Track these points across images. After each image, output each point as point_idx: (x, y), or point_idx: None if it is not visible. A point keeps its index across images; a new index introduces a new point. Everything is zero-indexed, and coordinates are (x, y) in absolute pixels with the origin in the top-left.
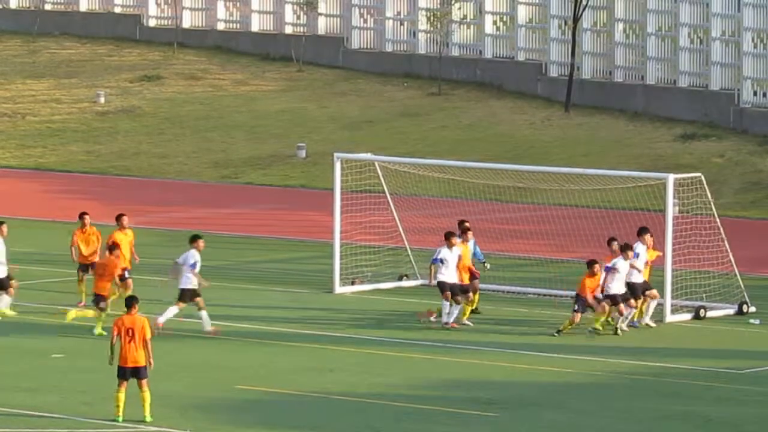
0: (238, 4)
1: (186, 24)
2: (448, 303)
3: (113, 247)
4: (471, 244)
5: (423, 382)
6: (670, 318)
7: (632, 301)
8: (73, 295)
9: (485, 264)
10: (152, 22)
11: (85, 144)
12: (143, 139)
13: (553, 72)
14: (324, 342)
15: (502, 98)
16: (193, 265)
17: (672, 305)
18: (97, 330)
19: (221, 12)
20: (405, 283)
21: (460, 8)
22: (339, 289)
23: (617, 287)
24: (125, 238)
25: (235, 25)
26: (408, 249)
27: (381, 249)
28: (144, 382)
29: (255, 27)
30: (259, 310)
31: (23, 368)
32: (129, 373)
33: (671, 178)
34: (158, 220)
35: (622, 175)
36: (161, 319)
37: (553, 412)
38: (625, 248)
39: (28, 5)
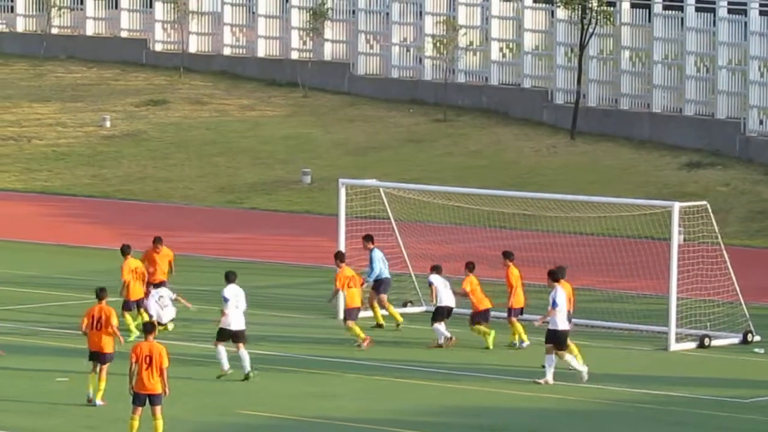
0: (244, 29)
1: (192, 49)
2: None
3: None
4: None
5: (426, 408)
6: (674, 347)
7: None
8: (71, 318)
9: None
10: (158, 47)
11: (90, 168)
12: (148, 164)
13: (559, 99)
14: (327, 367)
15: (507, 125)
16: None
17: (676, 334)
18: None
19: (227, 37)
20: (409, 309)
21: (465, 35)
22: (343, 314)
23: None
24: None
25: (241, 50)
26: (412, 275)
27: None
28: (158, 409)
29: (261, 52)
30: (263, 335)
31: (26, 391)
32: (145, 399)
33: (677, 206)
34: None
35: (627, 202)
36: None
37: None
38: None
39: (34, 29)
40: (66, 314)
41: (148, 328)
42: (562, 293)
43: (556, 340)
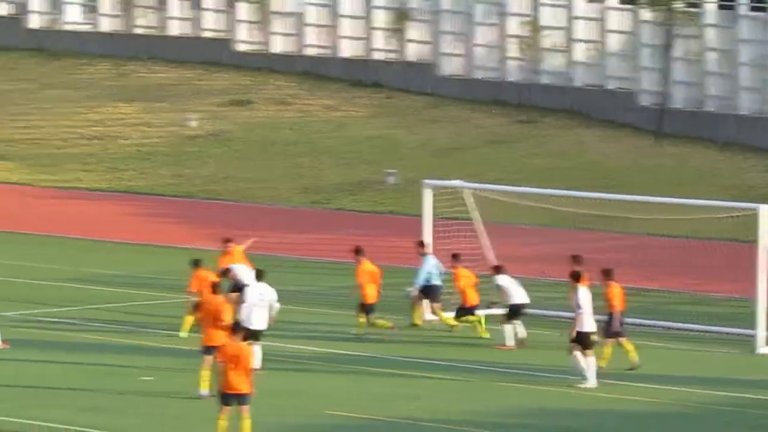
0: (327, 29)
1: (276, 49)
2: None
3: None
4: None
5: (511, 409)
6: (762, 350)
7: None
8: (155, 318)
9: None
10: (242, 47)
11: (174, 168)
12: (232, 164)
13: (644, 101)
14: (412, 368)
15: (591, 126)
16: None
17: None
18: None
19: (311, 37)
20: (494, 311)
21: (549, 36)
22: (428, 316)
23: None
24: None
25: (324, 50)
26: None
27: None
28: (245, 408)
29: (345, 53)
30: (347, 335)
31: (108, 389)
32: (232, 399)
33: (763, 208)
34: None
35: (713, 205)
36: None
37: None
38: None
39: (118, 29)
40: (151, 313)
41: (235, 329)
42: (585, 295)
43: (582, 341)
